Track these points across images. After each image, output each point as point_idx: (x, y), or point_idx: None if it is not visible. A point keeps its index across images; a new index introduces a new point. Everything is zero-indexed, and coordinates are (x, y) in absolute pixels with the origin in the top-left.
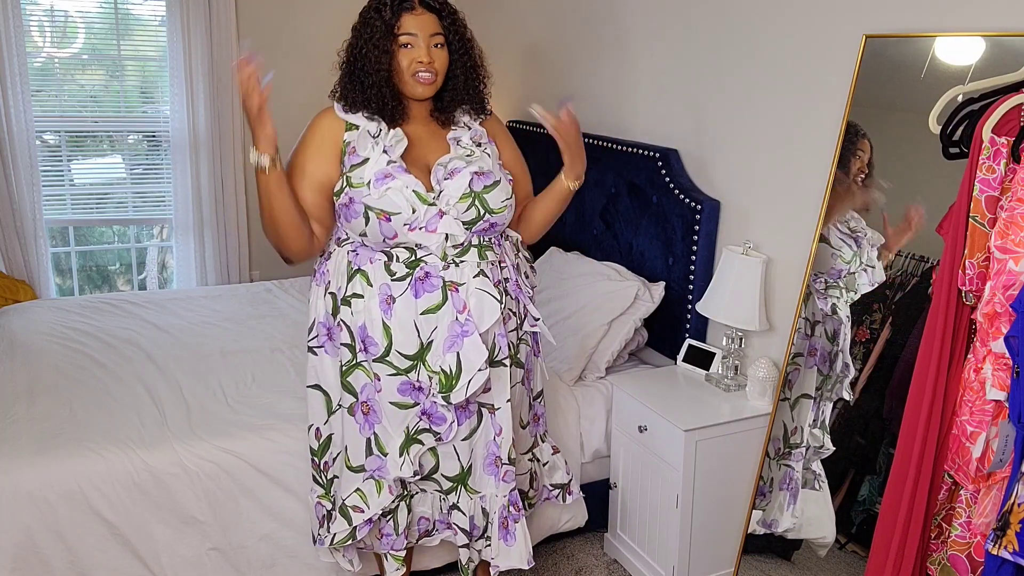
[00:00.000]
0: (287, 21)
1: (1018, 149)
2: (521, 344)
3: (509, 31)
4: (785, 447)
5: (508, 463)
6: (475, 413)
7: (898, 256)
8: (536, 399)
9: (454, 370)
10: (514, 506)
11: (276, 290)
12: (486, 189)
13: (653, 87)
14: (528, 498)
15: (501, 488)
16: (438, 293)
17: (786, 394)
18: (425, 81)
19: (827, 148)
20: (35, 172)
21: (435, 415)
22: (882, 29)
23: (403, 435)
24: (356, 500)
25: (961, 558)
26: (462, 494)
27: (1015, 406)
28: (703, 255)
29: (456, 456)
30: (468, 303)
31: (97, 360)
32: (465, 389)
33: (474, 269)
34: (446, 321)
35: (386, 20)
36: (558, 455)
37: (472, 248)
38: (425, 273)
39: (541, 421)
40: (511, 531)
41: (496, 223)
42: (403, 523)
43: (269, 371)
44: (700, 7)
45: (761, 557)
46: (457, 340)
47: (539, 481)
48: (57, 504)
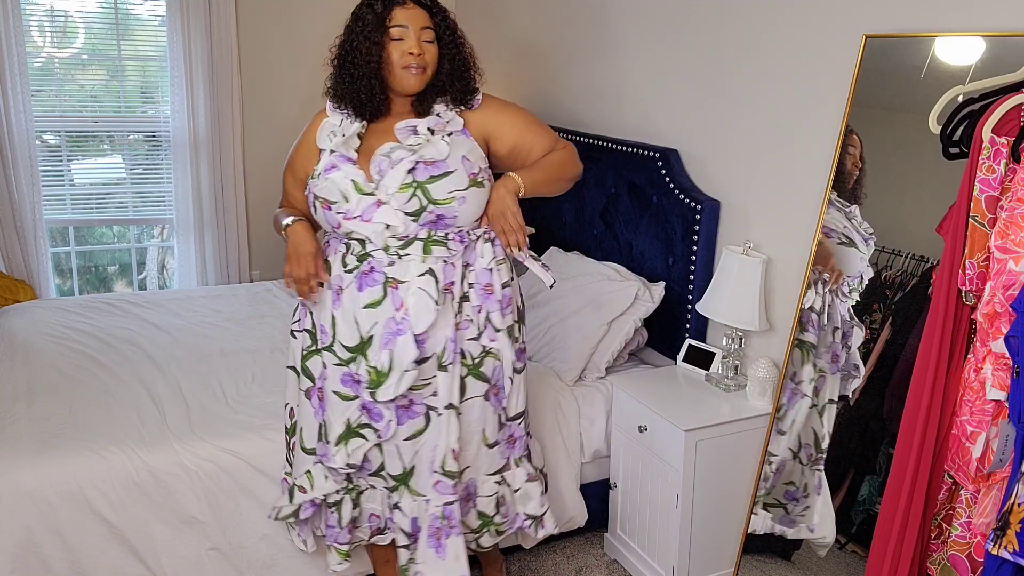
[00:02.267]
0: (287, 21)
1: (1018, 149)
2: (488, 357)
3: (508, 30)
4: (817, 452)
5: (442, 473)
6: (421, 415)
7: (898, 256)
8: (514, 420)
9: (386, 367)
10: (448, 520)
11: (276, 290)
12: (431, 179)
13: (653, 87)
14: (494, 523)
15: (436, 497)
16: (379, 288)
17: (815, 401)
18: (415, 73)
19: (827, 148)
20: (35, 172)
21: (373, 411)
22: (882, 29)
23: (344, 426)
24: (304, 481)
25: (961, 558)
26: (404, 495)
27: (1015, 406)
28: (703, 255)
29: (399, 455)
30: (406, 302)
31: (97, 360)
32: (393, 388)
33: (420, 267)
34: (384, 317)
35: (377, 13)
36: (534, 483)
37: (417, 242)
38: (371, 267)
39: (518, 445)
40: (443, 545)
41: (443, 215)
42: (346, 517)
43: (269, 371)
44: (701, 7)
45: (761, 557)
46: (392, 338)
47: (509, 507)
48: (57, 504)
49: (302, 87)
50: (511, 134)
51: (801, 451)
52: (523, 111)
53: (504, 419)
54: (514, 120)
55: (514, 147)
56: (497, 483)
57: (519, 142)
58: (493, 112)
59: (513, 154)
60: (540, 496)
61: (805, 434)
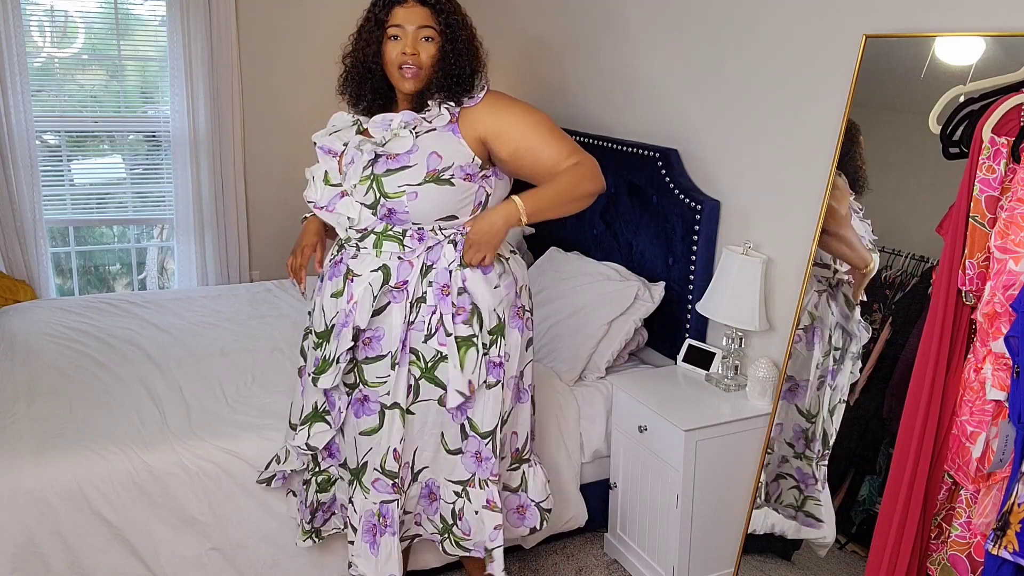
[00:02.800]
0: (287, 21)
1: (1018, 149)
2: (442, 362)
3: (507, 29)
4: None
5: (381, 472)
6: (376, 413)
7: (898, 256)
8: (484, 438)
9: (332, 357)
10: (384, 518)
11: (276, 290)
12: (387, 172)
13: (653, 87)
14: (453, 534)
15: (373, 495)
16: (341, 279)
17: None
18: (409, 75)
19: (827, 148)
20: (35, 172)
21: (331, 397)
22: (882, 29)
23: (312, 408)
24: (282, 452)
25: (961, 558)
26: (357, 490)
27: (1015, 406)
28: (703, 255)
29: (355, 450)
30: (355, 294)
31: (97, 360)
32: (332, 378)
33: (374, 262)
34: (341, 308)
35: (377, 13)
36: (492, 513)
37: (371, 235)
38: (340, 258)
39: (484, 465)
40: (377, 543)
41: (394, 209)
42: (310, 498)
43: (269, 371)
44: (701, 7)
45: (761, 557)
46: (340, 329)
47: (468, 524)
48: (57, 504)
49: (302, 87)
50: (513, 135)
51: (808, 447)
52: (535, 114)
53: (468, 429)
54: (519, 121)
55: (516, 150)
56: (456, 493)
57: (522, 145)
58: (497, 111)
59: (516, 158)
60: (493, 529)
61: (815, 430)
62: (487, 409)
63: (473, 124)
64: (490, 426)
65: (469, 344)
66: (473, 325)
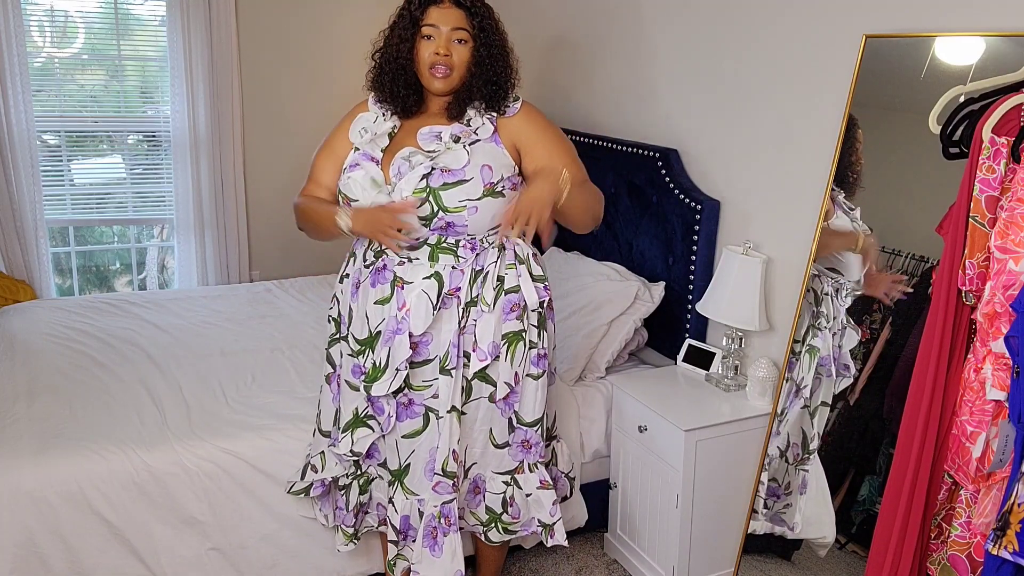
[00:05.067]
0: (287, 21)
1: (1018, 149)
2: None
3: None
4: (804, 453)
5: (441, 474)
6: (420, 416)
7: (898, 256)
8: (531, 426)
9: (383, 364)
10: (446, 519)
11: (276, 290)
12: (445, 186)
13: (653, 87)
14: (502, 522)
15: (433, 497)
16: (388, 287)
17: (807, 402)
18: (439, 75)
19: (827, 148)
20: (35, 172)
21: (376, 403)
22: (882, 29)
23: (352, 414)
24: (317, 461)
25: (961, 558)
26: (399, 491)
27: (1015, 406)
28: (703, 255)
29: (397, 451)
30: (408, 302)
31: (97, 360)
32: (387, 385)
33: (427, 270)
34: (389, 315)
35: (412, 11)
36: (547, 491)
37: (425, 247)
38: (383, 265)
39: (533, 450)
40: (439, 543)
41: (453, 223)
42: (353, 501)
43: (269, 371)
44: (700, 7)
45: (761, 557)
46: (392, 336)
47: (519, 509)
48: (57, 504)
49: (302, 86)
50: (542, 154)
51: (789, 450)
52: (563, 137)
53: (516, 423)
54: (548, 142)
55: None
56: (505, 483)
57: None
58: (531, 127)
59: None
60: (552, 505)
61: (794, 433)
62: (534, 400)
63: (510, 133)
64: (537, 415)
65: (518, 339)
66: (523, 320)
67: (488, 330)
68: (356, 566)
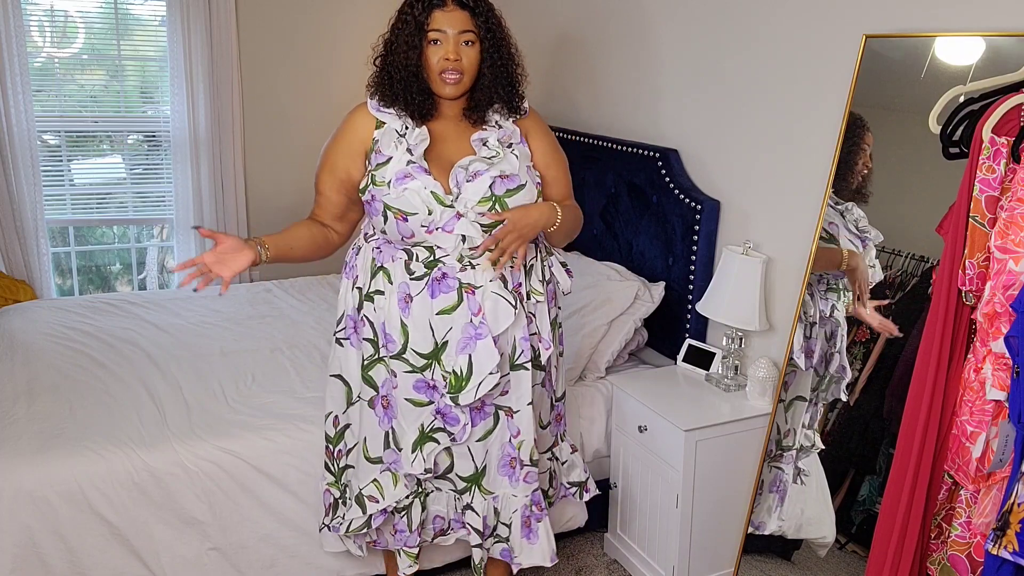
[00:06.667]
0: (287, 21)
1: (1018, 149)
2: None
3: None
4: (777, 450)
5: (530, 464)
6: (491, 415)
7: (898, 256)
8: (560, 400)
9: (465, 372)
10: (536, 506)
11: (276, 290)
12: (508, 193)
13: (653, 87)
14: (547, 496)
15: (522, 488)
16: (454, 294)
17: (782, 396)
18: (451, 80)
19: (827, 148)
20: (35, 172)
21: (449, 415)
22: (882, 29)
23: (417, 432)
24: (372, 490)
25: (961, 558)
26: (476, 494)
27: (1015, 406)
28: (703, 255)
29: (471, 457)
30: (483, 306)
31: (97, 360)
32: (474, 392)
33: (491, 272)
34: (461, 323)
35: (416, 16)
36: (576, 454)
37: (488, 251)
38: (442, 274)
39: (563, 422)
40: (534, 530)
41: None
42: (416, 520)
43: (269, 371)
44: (701, 7)
45: (761, 557)
46: (470, 342)
47: (557, 479)
48: (57, 504)
49: (302, 86)
50: (541, 161)
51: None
52: (561, 150)
53: (553, 400)
54: (547, 149)
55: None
56: (549, 459)
57: (547, 173)
58: (541, 131)
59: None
60: (582, 464)
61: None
62: (561, 374)
63: (524, 134)
64: (564, 388)
65: (556, 325)
66: (557, 305)
67: (545, 321)
68: (356, 566)
